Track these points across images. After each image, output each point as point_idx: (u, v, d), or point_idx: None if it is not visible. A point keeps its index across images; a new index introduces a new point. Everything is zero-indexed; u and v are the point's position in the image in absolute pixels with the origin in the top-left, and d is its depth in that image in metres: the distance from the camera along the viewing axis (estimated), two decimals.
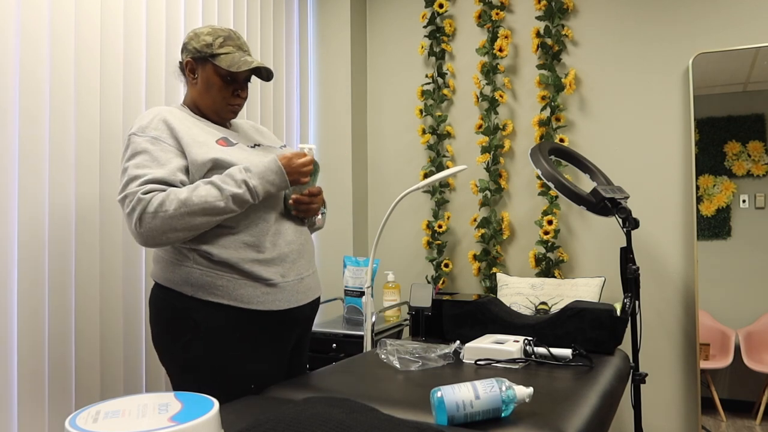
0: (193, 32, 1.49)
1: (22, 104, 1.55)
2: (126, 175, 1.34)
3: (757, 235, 2.19)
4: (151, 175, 1.32)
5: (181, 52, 1.51)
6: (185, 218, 1.30)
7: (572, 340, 1.82)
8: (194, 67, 1.47)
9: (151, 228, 1.29)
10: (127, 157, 1.37)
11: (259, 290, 1.40)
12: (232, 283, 1.38)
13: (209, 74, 1.46)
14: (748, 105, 2.23)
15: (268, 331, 1.44)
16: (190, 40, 1.47)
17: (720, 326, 2.23)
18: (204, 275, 1.38)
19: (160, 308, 1.42)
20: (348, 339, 2.17)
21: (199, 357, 1.38)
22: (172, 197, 1.30)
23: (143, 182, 1.31)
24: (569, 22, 2.53)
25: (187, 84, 1.52)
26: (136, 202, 1.29)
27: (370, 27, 2.95)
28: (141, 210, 1.29)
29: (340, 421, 0.91)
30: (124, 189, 1.33)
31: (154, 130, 1.38)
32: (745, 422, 2.19)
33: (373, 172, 2.93)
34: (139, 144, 1.36)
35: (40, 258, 1.58)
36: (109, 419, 0.82)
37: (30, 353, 1.56)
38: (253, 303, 1.40)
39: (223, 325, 1.39)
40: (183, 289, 1.38)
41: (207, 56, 1.44)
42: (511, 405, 1.11)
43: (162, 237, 1.31)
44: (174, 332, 1.39)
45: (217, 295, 1.38)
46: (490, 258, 2.61)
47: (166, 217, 1.29)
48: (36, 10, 1.58)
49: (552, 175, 2.03)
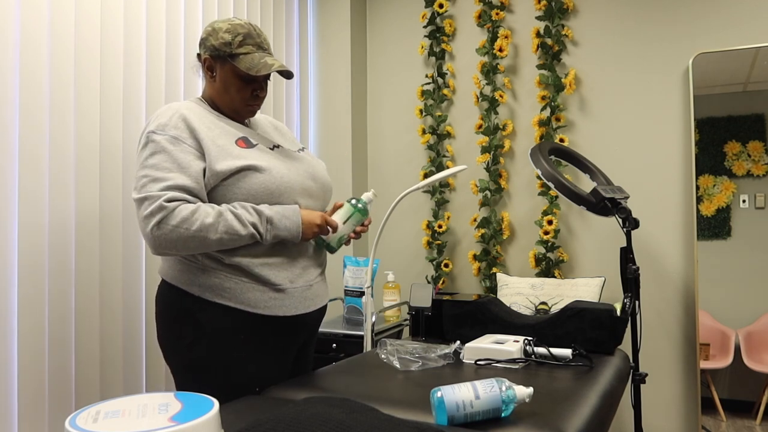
0: (211, 27, 1.43)
1: (22, 104, 1.55)
2: (145, 174, 1.30)
3: (757, 235, 2.19)
4: (173, 181, 1.29)
5: (199, 46, 1.46)
6: (203, 241, 1.30)
7: (572, 340, 1.82)
8: (212, 64, 1.43)
9: (168, 239, 1.28)
10: (146, 155, 1.32)
11: (267, 295, 1.39)
12: (240, 286, 1.37)
13: (228, 74, 1.42)
14: (748, 105, 2.23)
15: (273, 336, 1.44)
16: (209, 35, 1.42)
17: (720, 326, 2.23)
18: (212, 277, 1.37)
19: (167, 306, 1.41)
20: (348, 339, 2.17)
21: (202, 357, 1.38)
22: (197, 217, 1.28)
23: (166, 188, 1.28)
24: (569, 22, 2.53)
25: (204, 79, 1.48)
26: (157, 208, 1.26)
27: (370, 27, 2.95)
28: (161, 218, 1.26)
29: (340, 421, 0.91)
30: (144, 189, 1.29)
31: (174, 128, 1.34)
32: (745, 422, 2.19)
33: (373, 172, 2.93)
34: (158, 143, 1.32)
35: (41, 259, 1.58)
36: (109, 419, 0.82)
37: (30, 354, 1.56)
38: (259, 307, 1.39)
39: (228, 328, 1.38)
40: (191, 289, 1.37)
41: (226, 56, 1.40)
42: (511, 405, 1.11)
43: (172, 250, 1.30)
44: (179, 331, 1.39)
45: (225, 297, 1.37)
46: (490, 258, 2.61)
47: (185, 235, 1.28)
48: (36, 10, 1.58)
49: (552, 175, 2.03)
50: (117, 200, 1.81)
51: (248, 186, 1.36)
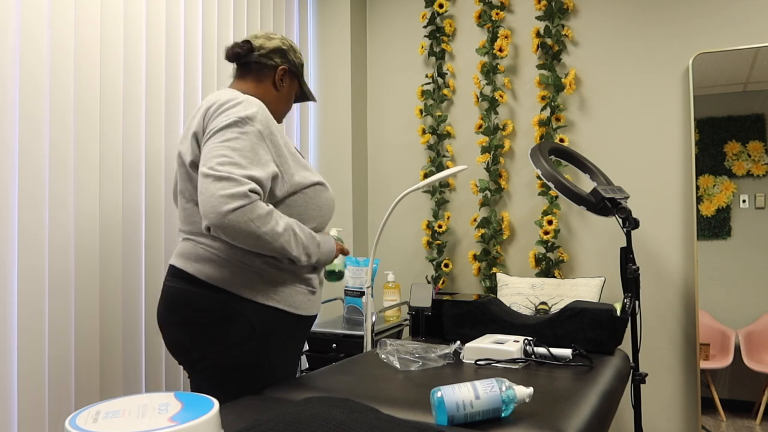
0: (288, 41, 1.57)
1: (22, 104, 1.55)
2: (227, 154, 1.28)
3: (757, 235, 2.19)
4: (255, 173, 1.29)
5: (273, 53, 1.53)
6: (263, 244, 1.31)
7: (572, 340, 1.82)
8: (285, 76, 1.56)
9: (236, 227, 1.26)
10: (231, 135, 1.31)
11: (306, 297, 1.49)
12: (291, 290, 1.44)
13: (293, 89, 1.60)
14: (748, 105, 2.23)
15: (301, 334, 1.52)
16: (289, 50, 1.56)
17: (720, 326, 2.23)
18: (268, 280, 1.41)
19: (208, 307, 1.38)
20: (348, 339, 2.17)
21: (255, 358, 1.40)
22: (269, 221, 1.30)
23: (248, 177, 1.28)
24: (569, 22, 2.53)
25: (261, 81, 1.54)
26: (241, 194, 1.25)
27: (370, 27, 2.95)
28: (242, 205, 1.25)
29: (340, 422, 0.91)
30: (224, 169, 1.26)
31: (260, 123, 1.36)
32: (745, 422, 2.19)
33: (373, 172, 2.93)
34: (246, 131, 1.33)
35: (40, 258, 1.58)
36: (109, 419, 0.82)
37: (30, 353, 1.56)
38: (300, 308, 1.47)
39: (274, 328, 1.42)
40: (242, 292, 1.38)
41: (298, 74, 1.60)
42: (511, 405, 1.11)
43: (231, 236, 1.28)
44: (225, 332, 1.38)
45: (275, 299, 1.41)
46: (490, 258, 2.61)
47: (255, 232, 1.28)
48: (36, 10, 1.58)
49: (552, 175, 2.03)
50: (117, 200, 1.81)
51: (318, 201, 1.48)
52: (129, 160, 1.86)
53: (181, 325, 1.40)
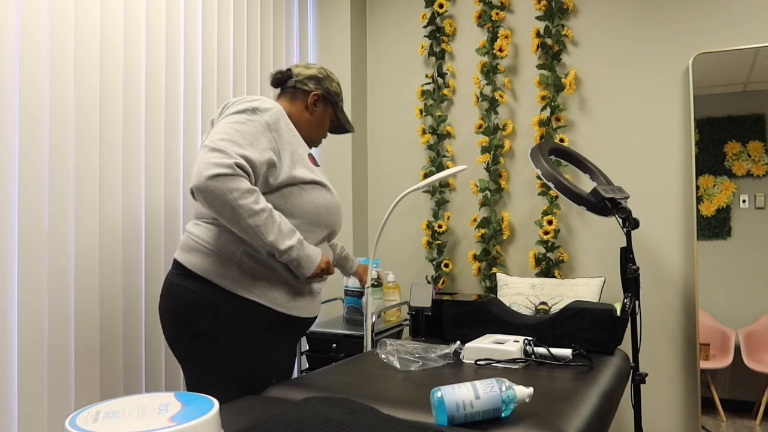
0: (325, 70, 1.67)
1: (22, 105, 1.55)
2: (228, 133, 1.38)
3: (757, 235, 2.19)
4: (249, 153, 1.38)
5: (308, 80, 1.64)
6: (237, 218, 1.34)
7: (572, 340, 1.82)
8: (318, 101, 1.65)
9: (214, 194, 1.31)
10: (239, 119, 1.41)
11: (288, 296, 1.51)
12: (269, 283, 1.47)
13: (327, 115, 1.68)
14: (748, 105, 2.23)
15: (287, 335, 1.54)
16: (325, 78, 1.66)
17: (720, 326, 2.23)
18: (247, 272, 1.44)
19: (191, 299, 1.43)
20: (348, 339, 2.17)
21: (232, 352, 1.42)
22: (248, 196, 1.34)
23: (241, 155, 1.36)
24: (569, 22, 2.53)
25: (295, 103, 1.64)
26: (225, 165, 1.32)
27: (370, 27, 2.95)
28: (223, 173, 1.32)
29: (340, 422, 0.91)
30: (221, 143, 1.35)
31: (270, 117, 1.46)
32: (745, 422, 2.19)
33: (373, 172, 2.93)
34: (254, 119, 1.43)
35: (40, 258, 1.58)
36: (109, 419, 0.82)
37: (30, 353, 1.56)
38: (281, 306, 1.49)
39: (254, 323, 1.45)
40: (223, 283, 1.43)
41: (333, 102, 1.68)
42: (511, 405, 1.11)
43: (209, 202, 1.33)
44: (205, 324, 1.42)
45: (254, 293, 1.44)
46: (490, 258, 2.61)
47: (230, 202, 1.32)
48: (36, 10, 1.58)
49: (552, 175, 2.03)
50: (117, 200, 1.81)
51: (314, 197, 1.52)
52: (129, 160, 1.86)
53: (171, 316, 1.46)
